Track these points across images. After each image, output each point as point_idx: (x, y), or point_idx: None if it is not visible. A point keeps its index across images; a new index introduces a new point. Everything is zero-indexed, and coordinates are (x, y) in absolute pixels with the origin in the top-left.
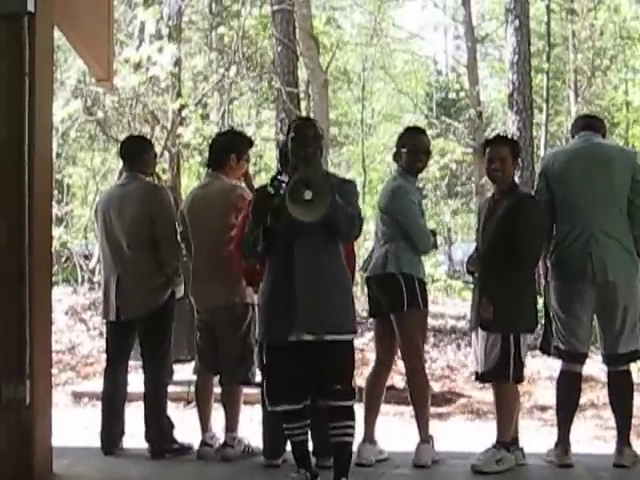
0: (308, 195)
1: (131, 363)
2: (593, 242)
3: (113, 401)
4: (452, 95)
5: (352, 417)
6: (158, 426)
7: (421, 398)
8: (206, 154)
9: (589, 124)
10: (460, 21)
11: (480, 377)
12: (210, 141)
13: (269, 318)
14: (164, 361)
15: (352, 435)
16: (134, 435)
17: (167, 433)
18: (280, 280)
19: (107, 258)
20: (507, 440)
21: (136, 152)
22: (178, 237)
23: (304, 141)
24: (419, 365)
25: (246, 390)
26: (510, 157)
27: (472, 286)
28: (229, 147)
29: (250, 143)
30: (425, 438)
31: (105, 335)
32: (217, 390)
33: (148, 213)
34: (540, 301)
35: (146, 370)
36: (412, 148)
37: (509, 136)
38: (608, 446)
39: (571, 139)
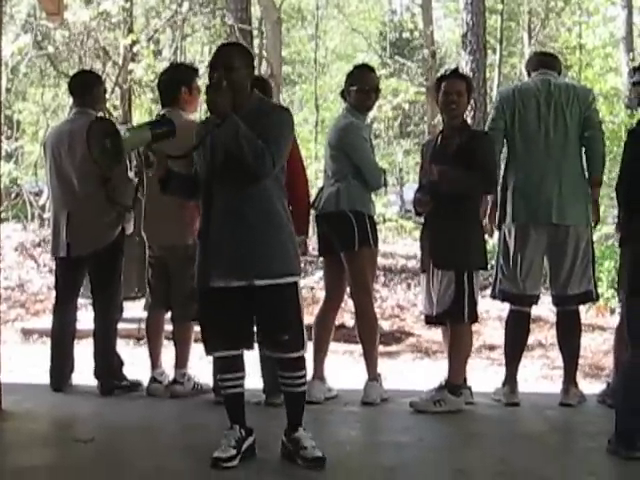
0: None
1: (80, 300)
2: (545, 183)
3: (62, 338)
4: (406, 35)
5: (303, 366)
6: (107, 363)
7: (370, 336)
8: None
9: (545, 62)
10: None
11: (435, 318)
12: (157, 80)
13: (197, 263)
14: (114, 298)
15: (304, 384)
16: (83, 372)
17: (116, 370)
18: (205, 223)
19: (57, 194)
20: (459, 382)
21: (86, 87)
22: (129, 172)
23: (212, 67)
24: (368, 303)
25: (198, 327)
26: (465, 92)
27: (421, 227)
28: (177, 81)
29: (196, 72)
30: (373, 376)
31: (54, 272)
32: (168, 327)
33: None
34: (491, 242)
35: (96, 307)
36: (361, 86)
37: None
38: (555, 385)
39: (527, 76)
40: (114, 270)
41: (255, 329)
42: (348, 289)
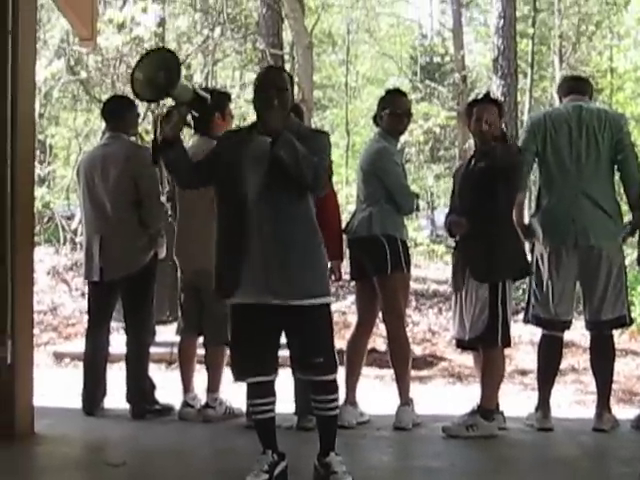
0: (160, 77)
1: (113, 324)
2: (576, 207)
3: (95, 362)
4: (437, 59)
5: (336, 390)
6: (139, 387)
7: (402, 361)
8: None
9: (576, 87)
10: None
11: (467, 343)
12: None
13: (225, 277)
14: (146, 322)
15: (337, 408)
16: (115, 396)
17: (148, 394)
18: (239, 237)
19: (90, 218)
20: (491, 406)
21: (119, 112)
22: (162, 197)
23: (264, 89)
24: (401, 328)
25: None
26: (497, 117)
27: (453, 250)
28: (211, 106)
29: (228, 97)
30: (406, 401)
31: (87, 296)
32: (200, 352)
33: (131, 173)
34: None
35: (128, 331)
36: (393, 110)
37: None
38: (588, 411)
39: (557, 101)
40: (146, 294)
41: (288, 352)
42: (380, 314)
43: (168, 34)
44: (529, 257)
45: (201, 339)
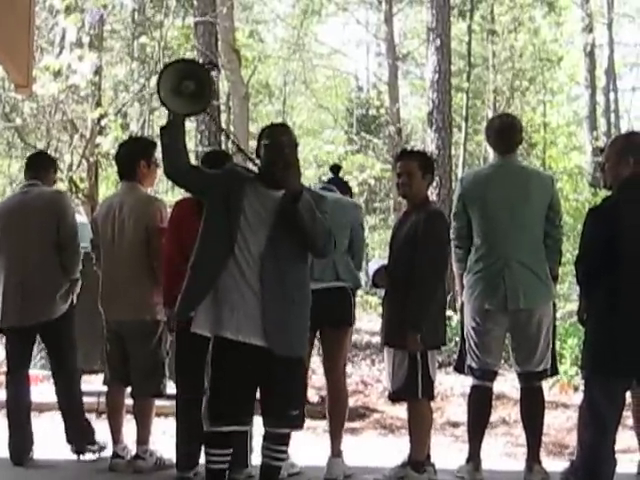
0: (190, 87)
1: (41, 373)
2: (507, 270)
3: (17, 410)
4: (372, 112)
5: (289, 442)
6: (78, 426)
7: (343, 413)
8: None
9: (504, 143)
10: (382, 38)
11: (390, 396)
12: (115, 153)
13: (190, 296)
14: (75, 365)
15: (284, 460)
16: (46, 446)
17: (88, 433)
18: (213, 268)
19: (9, 263)
20: (420, 458)
21: (45, 165)
22: (87, 245)
23: (279, 146)
24: (345, 381)
25: (159, 402)
26: (419, 171)
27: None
28: (136, 154)
29: (155, 146)
30: (337, 452)
31: (5, 344)
32: (129, 401)
33: (54, 217)
34: (455, 318)
35: (58, 378)
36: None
37: (426, 151)
38: (518, 463)
39: (489, 147)
40: (69, 338)
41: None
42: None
43: (105, 82)
44: (453, 319)
45: (129, 389)
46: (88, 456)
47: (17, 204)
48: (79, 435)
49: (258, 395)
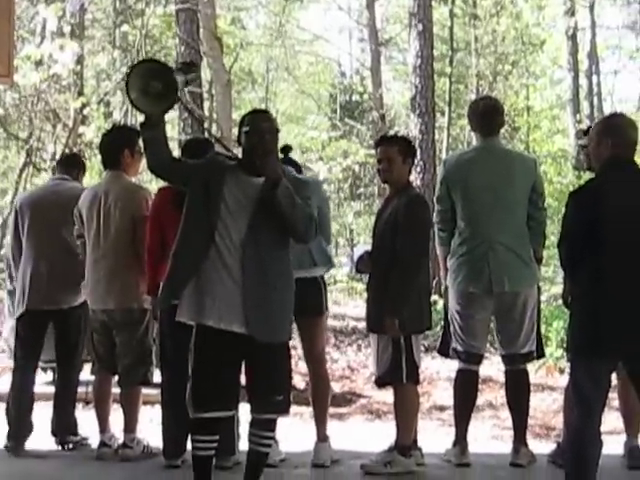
0: (157, 87)
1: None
2: (491, 253)
3: (21, 399)
4: (356, 97)
5: (275, 428)
6: (66, 422)
7: (324, 398)
8: None
9: (486, 125)
10: (364, 24)
11: (376, 381)
12: (99, 142)
13: (194, 301)
14: (80, 357)
15: (271, 445)
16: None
17: (72, 426)
18: (195, 255)
19: (39, 249)
20: (407, 443)
21: (75, 164)
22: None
23: (259, 133)
24: (325, 366)
25: (146, 390)
26: (399, 156)
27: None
28: (120, 143)
29: (138, 134)
30: (324, 437)
31: (16, 331)
32: (116, 390)
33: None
34: (441, 302)
35: (60, 367)
36: None
37: (405, 136)
38: (505, 446)
39: (474, 138)
40: (79, 330)
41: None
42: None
43: (87, 71)
44: (438, 303)
45: (116, 378)
46: (71, 448)
47: (50, 194)
48: (64, 427)
49: (244, 382)
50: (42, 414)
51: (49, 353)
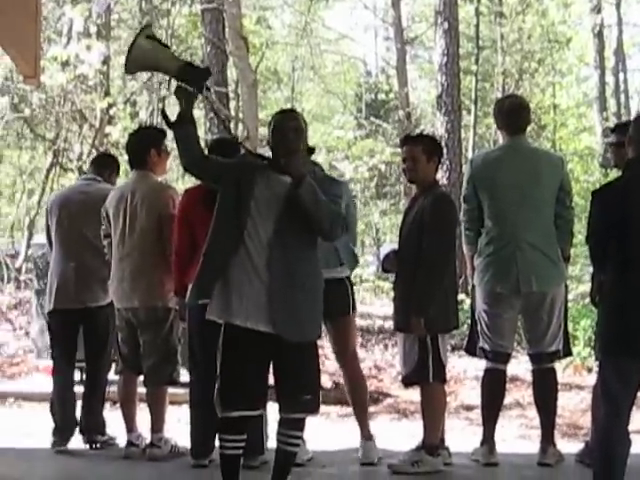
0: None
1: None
2: (518, 253)
3: (65, 398)
4: (381, 96)
5: (304, 427)
6: (94, 421)
7: (364, 397)
8: None
9: (512, 123)
10: (390, 23)
11: (403, 380)
12: (126, 142)
13: (223, 302)
14: (108, 357)
15: (299, 445)
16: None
17: (100, 426)
18: (224, 254)
19: (68, 248)
20: (434, 442)
21: (107, 165)
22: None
23: (282, 132)
24: (359, 366)
25: (173, 390)
26: (423, 155)
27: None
28: (147, 142)
29: (164, 134)
30: (370, 435)
31: (49, 330)
32: (142, 390)
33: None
34: (467, 301)
35: (89, 366)
36: None
37: (431, 134)
38: (533, 445)
39: (500, 136)
40: (108, 329)
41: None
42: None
43: (113, 72)
44: (465, 302)
45: (141, 378)
46: (98, 447)
47: (78, 194)
48: (92, 426)
49: (273, 381)
50: None
51: (78, 353)
